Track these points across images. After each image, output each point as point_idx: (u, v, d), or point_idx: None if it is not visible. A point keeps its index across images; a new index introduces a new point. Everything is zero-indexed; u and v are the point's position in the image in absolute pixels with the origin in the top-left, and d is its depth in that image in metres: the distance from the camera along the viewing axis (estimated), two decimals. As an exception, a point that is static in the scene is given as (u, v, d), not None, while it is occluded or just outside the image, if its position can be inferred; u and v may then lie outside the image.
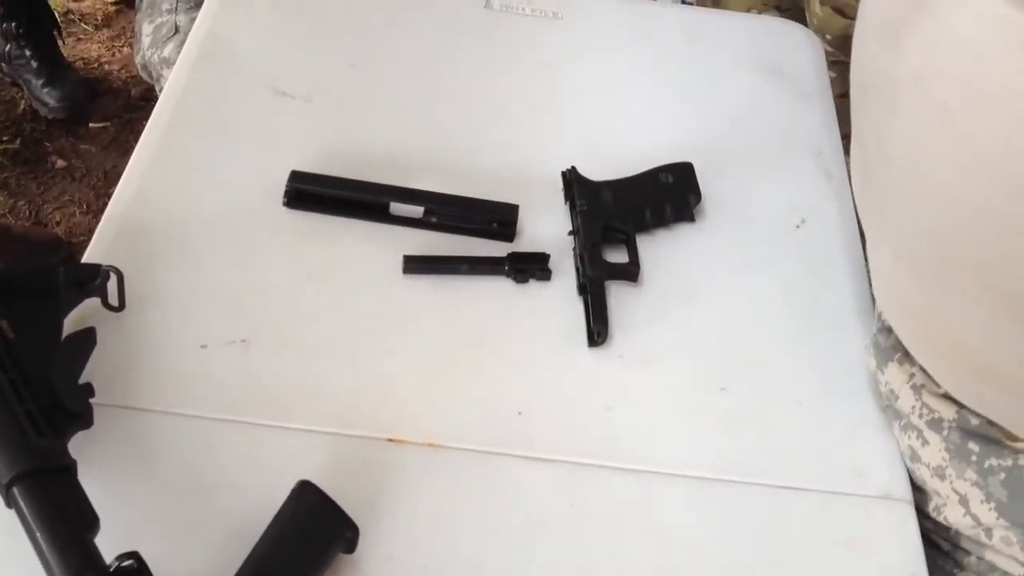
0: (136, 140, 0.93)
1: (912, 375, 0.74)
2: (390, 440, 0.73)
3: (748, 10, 1.47)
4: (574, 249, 0.86)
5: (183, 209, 0.86)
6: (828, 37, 1.35)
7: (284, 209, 0.87)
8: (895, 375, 0.76)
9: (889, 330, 0.77)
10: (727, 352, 0.82)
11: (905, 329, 0.73)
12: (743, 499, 0.74)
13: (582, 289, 0.84)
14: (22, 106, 2.15)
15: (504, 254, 0.85)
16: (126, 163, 0.92)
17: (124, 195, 0.87)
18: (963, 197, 0.57)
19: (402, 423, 0.74)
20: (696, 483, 0.74)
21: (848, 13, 1.32)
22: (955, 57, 0.55)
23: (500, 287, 0.84)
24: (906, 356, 0.75)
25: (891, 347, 0.76)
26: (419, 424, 0.74)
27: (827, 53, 1.33)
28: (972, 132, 0.55)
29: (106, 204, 0.87)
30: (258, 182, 0.89)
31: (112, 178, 1.99)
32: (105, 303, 0.77)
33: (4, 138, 2.08)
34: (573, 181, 0.90)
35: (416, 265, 0.84)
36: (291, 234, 0.85)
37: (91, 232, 0.85)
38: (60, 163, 2.07)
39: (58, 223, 1.95)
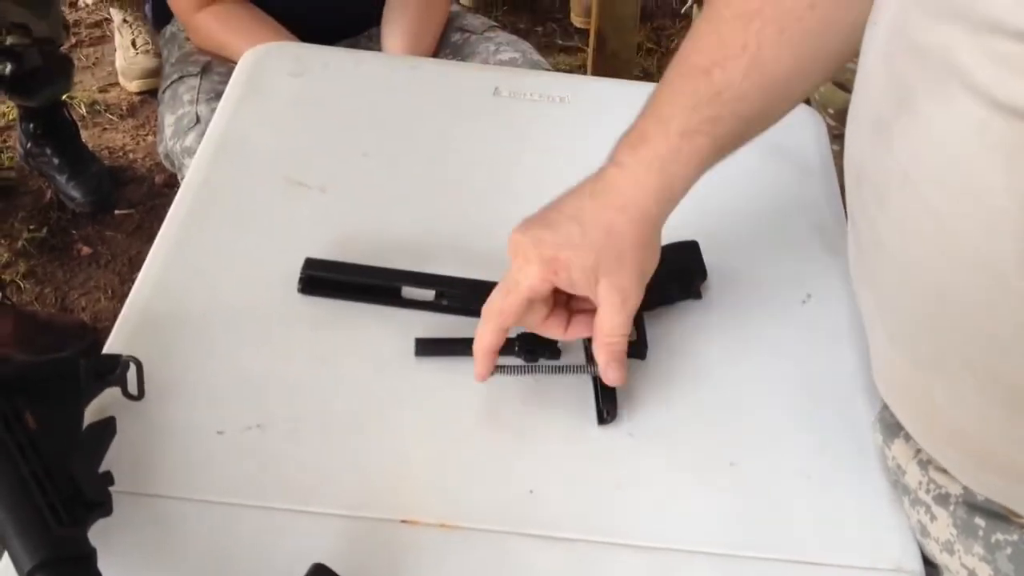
0: (160, 226, 0.96)
1: (918, 451, 0.75)
2: (403, 521, 0.74)
3: None
4: (582, 327, 0.88)
5: (201, 298, 0.89)
6: (831, 111, 1.38)
7: (299, 296, 0.89)
8: (901, 451, 0.76)
9: None
10: (735, 427, 0.83)
11: (904, 413, 0.74)
12: (757, 574, 0.74)
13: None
14: (48, 195, 2.21)
15: (514, 335, 0.86)
16: (150, 249, 0.95)
17: (144, 285, 0.89)
18: (953, 288, 0.59)
19: (415, 504, 0.75)
20: (709, 559, 0.75)
21: (849, 88, 1.34)
22: (938, 158, 0.57)
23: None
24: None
25: (896, 423, 0.76)
26: (432, 505, 0.75)
27: (829, 127, 1.35)
28: (957, 228, 0.57)
29: (131, 289, 0.90)
30: (274, 270, 0.91)
31: (136, 264, 2.03)
32: (125, 392, 0.79)
33: (31, 227, 2.14)
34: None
35: (428, 347, 0.86)
36: (305, 320, 0.88)
37: (116, 318, 0.88)
38: (86, 250, 2.12)
39: (83, 309, 2.00)
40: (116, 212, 2.19)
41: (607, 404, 0.82)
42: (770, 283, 0.94)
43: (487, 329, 0.78)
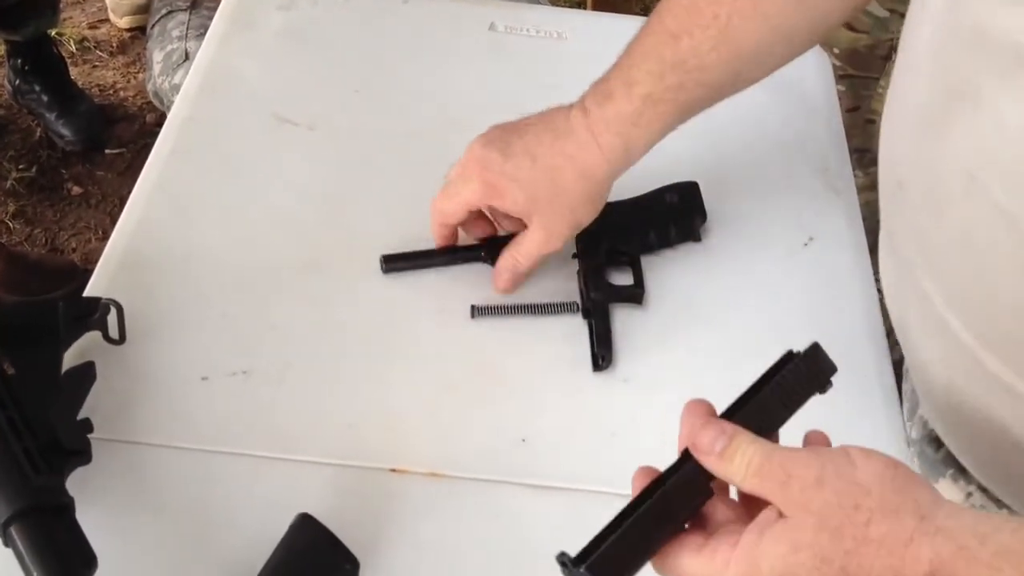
0: None
1: (970, 494, 0.71)
2: (392, 470, 0.72)
3: None
4: (578, 272, 0.85)
5: (185, 239, 0.86)
6: (836, 51, 1.34)
7: (285, 236, 0.86)
8: (950, 492, 0.73)
9: (937, 441, 0.74)
10: (734, 374, 0.80)
11: (962, 442, 0.70)
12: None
13: (586, 313, 0.83)
14: (38, 134, 2.18)
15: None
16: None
17: (126, 227, 0.87)
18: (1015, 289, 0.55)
19: (404, 453, 0.73)
20: (704, 509, 0.73)
21: (856, 27, 1.31)
22: (1013, 152, 0.52)
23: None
24: (961, 473, 0.72)
25: (941, 461, 0.73)
26: (421, 453, 0.73)
27: (834, 67, 1.32)
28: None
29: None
30: (260, 211, 0.88)
31: (128, 204, 2.00)
32: (106, 336, 0.77)
33: (21, 166, 2.10)
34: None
35: (394, 262, 0.84)
36: (292, 262, 0.85)
37: None
38: (76, 190, 2.08)
39: (74, 250, 1.97)
40: (107, 151, 2.15)
41: (602, 349, 0.80)
42: (771, 225, 0.92)
43: (434, 225, 0.84)
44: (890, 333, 0.79)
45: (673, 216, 0.88)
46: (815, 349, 0.57)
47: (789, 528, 0.47)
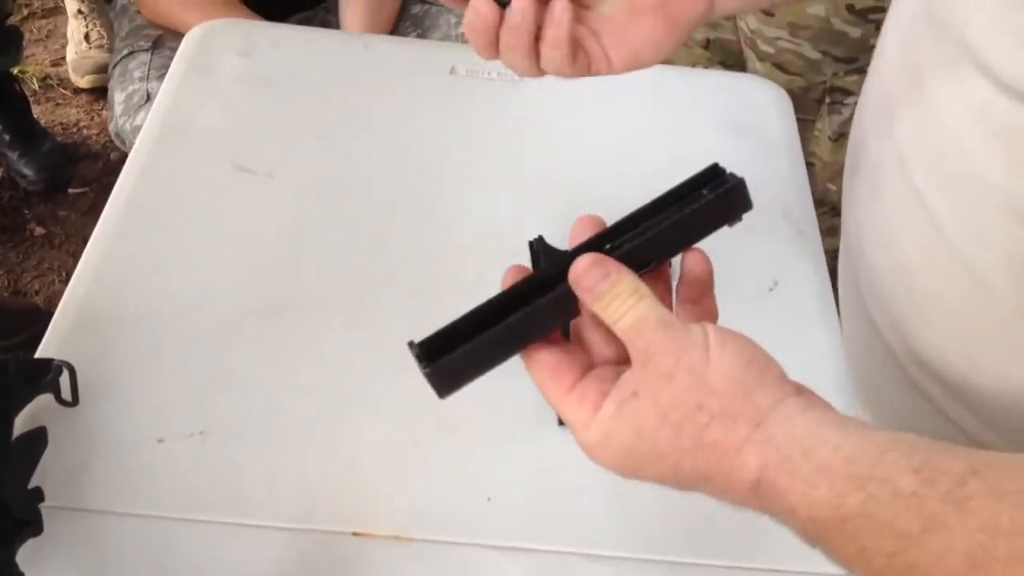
0: None
1: None
2: (355, 534, 0.71)
3: (693, 65, 1.46)
4: (542, 321, 0.84)
5: (140, 294, 0.84)
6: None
7: (243, 292, 0.85)
8: None
9: None
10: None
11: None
12: (724, 580, 0.71)
13: (551, 363, 0.82)
14: (0, 173, 2.14)
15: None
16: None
17: (80, 283, 0.85)
18: (932, 293, 0.56)
19: (367, 515, 0.72)
20: (677, 568, 0.71)
21: (788, 69, 1.30)
22: (935, 140, 0.54)
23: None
24: None
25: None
26: (384, 516, 0.72)
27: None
28: (944, 223, 0.53)
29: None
30: (217, 263, 0.87)
31: (92, 244, 1.97)
32: (58, 398, 0.75)
33: (-19, 207, 2.07)
34: (540, 251, 0.88)
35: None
36: (251, 318, 0.83)
37: None
38: (39, 231, 2.06)
39: (37, 292, 1.94)
40: (70, 190, 2.13)
41: (568, 402, 0.79)
42: (735, 270, 0.90)
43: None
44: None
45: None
46: (740, 187, 0.55)
47: (638, 412, 0.47)
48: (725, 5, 0.65)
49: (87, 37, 2.34)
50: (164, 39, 1.61)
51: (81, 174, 2.17)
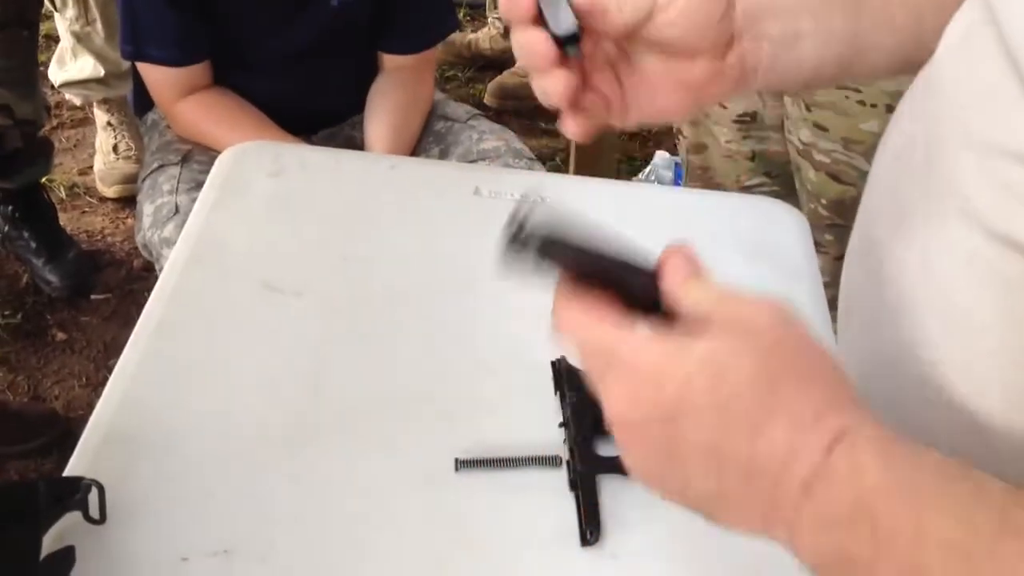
0: (137, 311, 0.94)
1: None
2: (376, 658, 0.71)
3: (737, 177, 1.50)
4: (565, 441, 0.85)
5: (169, 413, 0.86)
6: (823, 201, 1.38)
7: (270, 410, 0.86)
8: None
9: None
10: (724, 545, 0.80)
11: None
12: None
13: (573, 484, 0.82)
14: (25, 279, 2.18)
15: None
16: (126, 334, 0.92)
17: (110, 401, 0.86)
18: (938, 437, 0.56)
19: (389, 639, 0.72)
20: None
21: (843, 179, 1.34)
22: (928, 287, 0.55)
23: (488, 481, 0.82)
24: None
25: None
26: (406, 639, 0.72)
27: (822, 217, 1.35)
28: (942, 361, 0.55)
29: (105, 377, 0.87)
30: (244, 383, 0.88)
31: (112, 350, 2.00)
32: (86, 516, 0.75)
33: (6, 312, 2.10)
34: (563, 371, 0.89)
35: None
36: (276, 438, 0.85)
37: (89, 406, 0.85)
38: (60, 336, 2.08)
39: (56, 397, 1.95)
40: (92, 296, 2.16)
41: (590, 525, 0.79)
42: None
43: None
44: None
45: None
46: None
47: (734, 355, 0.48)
48: (768, 78, 0.65)
49: (115, 148, 2.41)
50: (193, 153, 1.65)
51: (104, 280, 2.20)
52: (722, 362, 0.48)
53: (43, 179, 2.23)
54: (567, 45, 0.58)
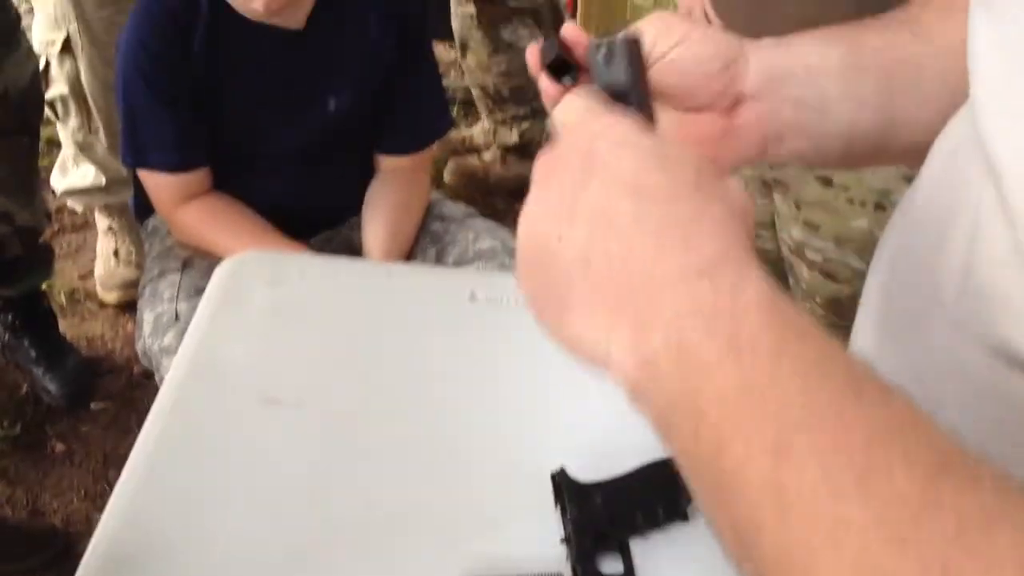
0: (137, 420, 0.94)
1: None
2: None
3: None
4: (566, 558, 0.84)
5: (168, 532, 0.85)
6: (818, 300, 1.38)
7: (275, 527, 0.86)
8: None
9: None
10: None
11: None
12: None
13: (578, 603, 0.81)
14: (24, 389, 2.18)
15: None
16: (126, 444, 0.92)
17: (111, 519, 0.86)
18: None
19: None
20: None
21: (837, 277, 1.35)
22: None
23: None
24: None
25: None
26: None
27: (819, 317, 1.35)
28: None
29: (104, 489, 0.86)
30: (244, 499, 0.88)
31: (111, 460, 1.98)
32: (84, 647, 0.74)
33: (5, 424, 2.09)
34: (563, 485, 0.88)
35: None
36: (276, 553, 0.84)
37: (88, 520, 0.85)
38: (60, 447, 2.07)
39: (55, 511, 1.93)
40: (92, 405, 2.15)
41: (598, 643, 0.78)
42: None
43: None
44: None
45: (659, 494, 0.88)
46: None
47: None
48: (799, 146, 0.64)
49: (116, 254, 2.42)
50: (193, 260, 1.67)
51: (104, 387, 2.19)
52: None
53: (44, 285, 2.23)
54: (561, 76, 0.63)
